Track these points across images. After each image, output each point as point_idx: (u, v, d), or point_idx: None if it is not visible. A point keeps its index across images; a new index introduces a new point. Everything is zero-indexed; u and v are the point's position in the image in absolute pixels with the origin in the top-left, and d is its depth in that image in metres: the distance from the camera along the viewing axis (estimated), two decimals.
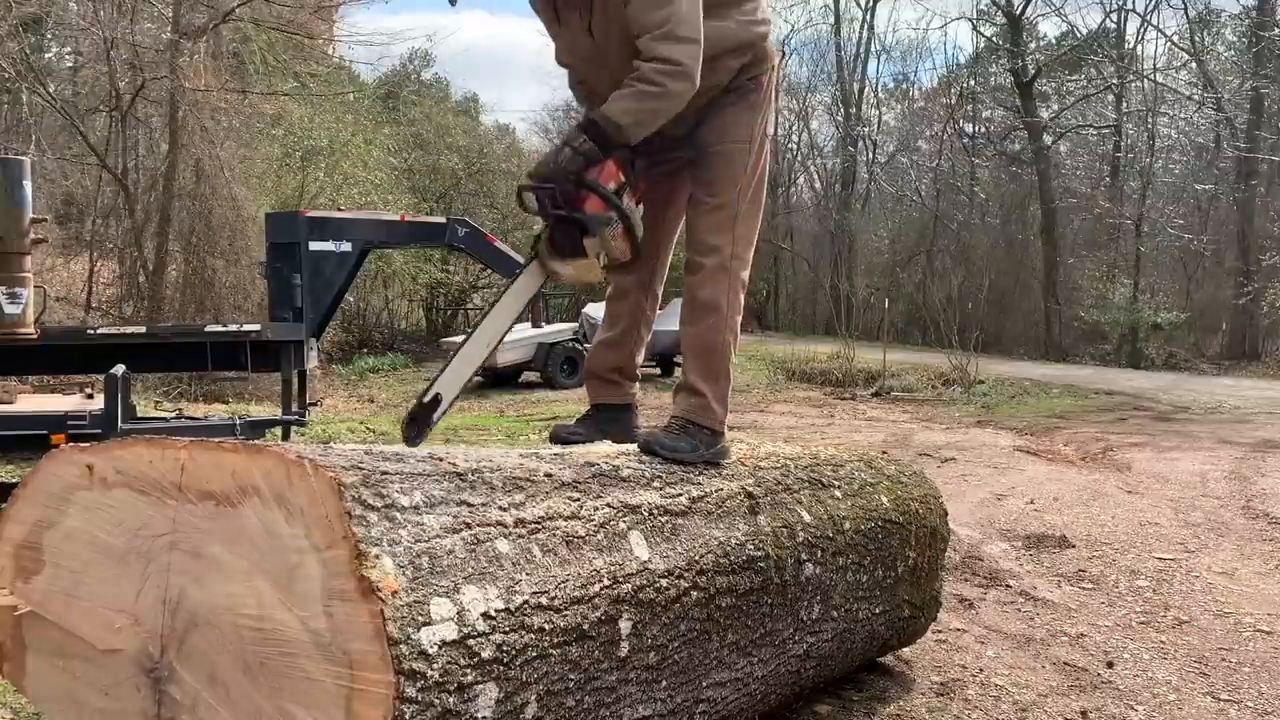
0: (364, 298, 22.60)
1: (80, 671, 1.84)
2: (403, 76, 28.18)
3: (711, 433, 2.62)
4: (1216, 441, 9.07)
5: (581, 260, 2.47)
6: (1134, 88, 26.21)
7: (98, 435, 5.80)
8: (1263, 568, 4.81)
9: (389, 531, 1.64)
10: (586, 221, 2.41)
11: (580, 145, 2.38)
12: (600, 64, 2.55)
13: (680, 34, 2.36)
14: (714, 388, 2.64)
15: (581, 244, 2.44)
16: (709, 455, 2.57)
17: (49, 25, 19.06)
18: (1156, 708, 3.14)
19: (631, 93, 2.38)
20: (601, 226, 2.42)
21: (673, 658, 2.13)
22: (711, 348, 2.65)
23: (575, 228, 2.43)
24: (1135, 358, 22.19)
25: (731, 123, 2.64)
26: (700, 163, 2.67)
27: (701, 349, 2.66)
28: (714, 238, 2.62)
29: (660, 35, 2.36)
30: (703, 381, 2.64)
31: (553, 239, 2.47)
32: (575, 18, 2.51)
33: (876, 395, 14.54)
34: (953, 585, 4.21)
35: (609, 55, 2.50)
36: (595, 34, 2.50)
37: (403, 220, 9.51)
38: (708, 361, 2.66)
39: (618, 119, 2.37)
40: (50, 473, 1.88)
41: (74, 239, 18.07)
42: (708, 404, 2.63)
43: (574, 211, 2.41)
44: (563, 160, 2.38)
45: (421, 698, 1.56)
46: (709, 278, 2.62)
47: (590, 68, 2.63)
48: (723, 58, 2.54)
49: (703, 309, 2.64)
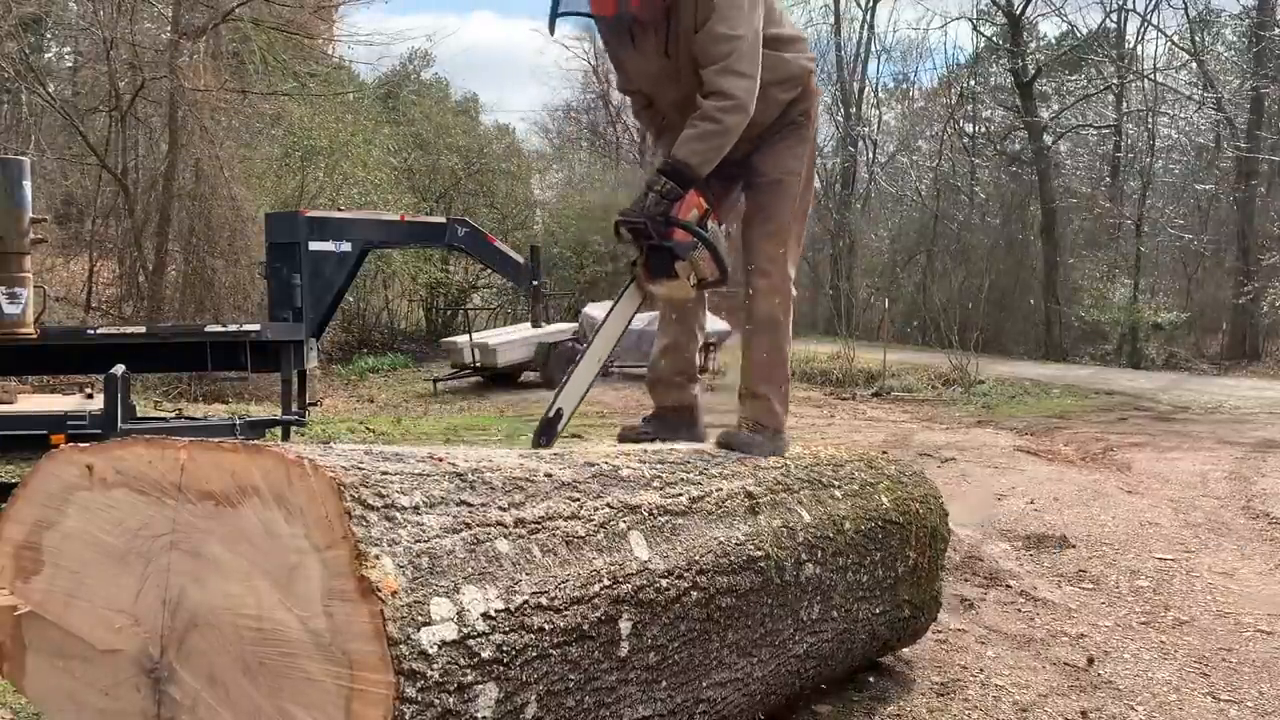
0: (364, 298, 22.56)
1: (80, 671, 1.84)
2: (402, 76, 28.14)
3: (775, 431, 2.98)
4: (1217, 441, 9.07)
5: (674, 281, 2.80)
6: (1134, 88, 26.18)
7: (98, 435, 5.79)
8: (1263, 568, 4.80)
9: (389, 531, 1.64)
10: (676, 249, 2.74)
11: (661, 187, 2.69)
12: (671, 82, 2.85)
13: (740, 69, 2.67)
14: (776, 391, 3.00)
15: (673, 268, 2.76)
16: (774, 450, 2.93)
17: (49, 25, 19.07)
18: (1156, 708, 3.13)
19: (696, 134, 2.69)
20: (689, 252, 2.75)
21: (673, 658, 2.13)
22: (772, 357, 3.00)
23: (667, 255, 2.75)
24: (1135, 358, 22.17)
25: (785, 154, 2.96)
26: (756, 189, 2.99)
27: (764, 359, 3.00)
28: (769, 258, 2.95)
29: (722, 69, 2.67)
30: (766, 386, 2.99)
31: (648, 265, 2.81)
32: (652, 41, 2.79)
33: (876, 395, 14.54)
34: (953, 585, 4.21)
35: (680, 74, 2.79)
36: (670, 54, 2.78)
37: (403, 220, 9.52)
38: (769, 369, 3.01)
39: (688, 159, 2.69)
40: (50, 473, 1.88)
41: (74, 239, 18.07)
42: (771, 406, 2.98)
43: (664, 242, 2.74)
44: (649, 202, 2.70)
45: (421, 698, 1.56)
46: (766, 294, 2.95)
47: (661, 87, 2.92)
48: (774, 89, 2.83)
49: (763, 324, 2.98)
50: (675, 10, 2.71)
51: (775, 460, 2.88)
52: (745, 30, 2.68)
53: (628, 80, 3.03)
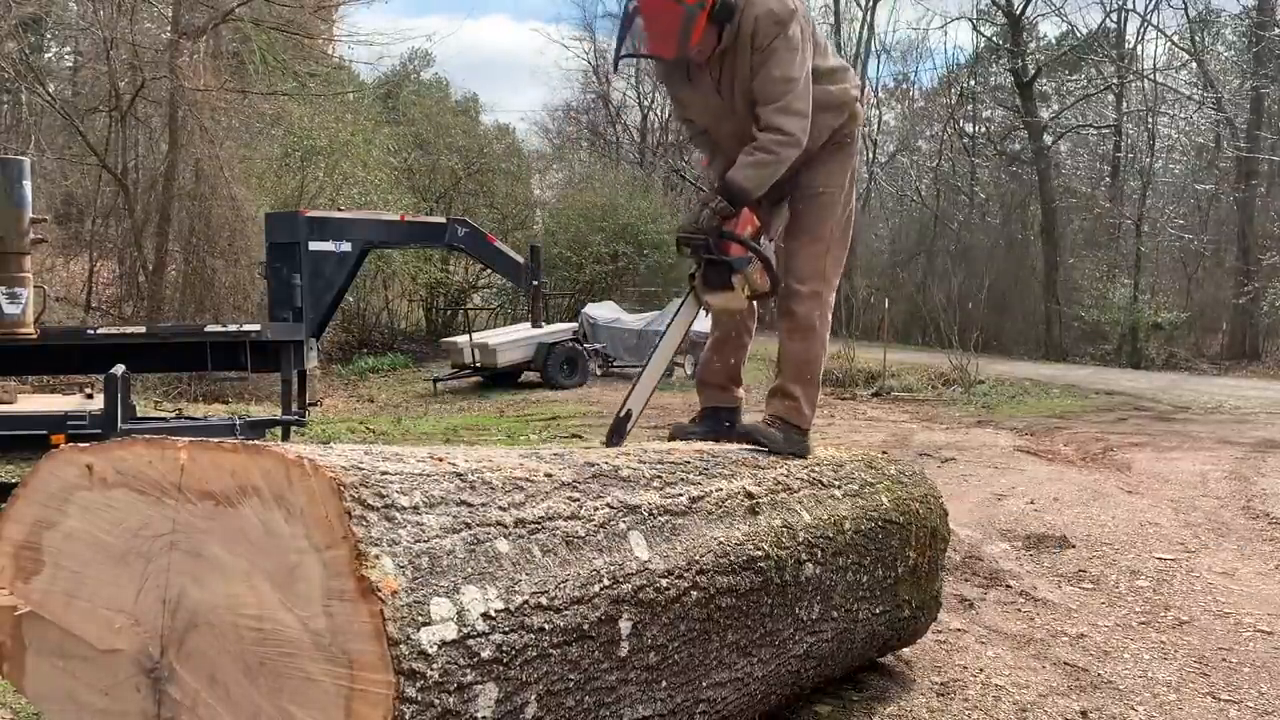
0: (364, 298, 22.54)
1: (80, 671, 1.84)
2: (402, 76, 28.13)
3: (800, 430, 3.11)
4: (1217, 441, 9.07)
5: (729, 292, 3.02)
6: (1134, 88, 26.18)
7: (98, 435, 5.80)
8: (1263, 568, 4.80)
9: (389, 531, 1.64)
10: (733, 263, 2.97)
11: (717, 206, 2.94)
12: (726, 117, 3.08)
13: (795, 108, 2.91)
14: (806, 393, 3.15)
15: (730, 280, 2.99)
16: (797, 449, 3.04)
17: (49, 25, 19.05)
18: (1156, 708, 3.13)
19: (752, 161, 2.92)
20: (744, 265, 2.97)
21: (673, 658, 2.13)
22: (806, 360, 3.17)
23: (724, 268, 2.98)
24: (1135, 358, 22.17)
25: (829, 172, 3.16)
26: (801, 203, 3.17)
27: (799, 361, 3.17)
28: (810, 268, 3.13)
29: (779, 109, 2.90)
30: (797, 387, 3.14)
31: (705, 276, 3.03)
32: (707, 78, 3.04)
33: (876, 395, 14.54)
34: (953, 585, 4.21)
35: (734, 110, 3.04)
36: (723, 93, 3.03)
37: (403, 220, 9.52)
38: (802, 371, 3.16)
39: (742, 184, 2.92)
40: (50, 473, 1.88)
41: (74, 239, 18.06)
42: (799, 407, 3.12)
43: (721, 256, 2.97)
44: (704, 219, 2.95)
45: (421, 698, 1.56)
46: (805, 301, 3.12)
47: (716, 121, 3.15)
48: (822, 116, 3.04)
49: (800, 328, 3.15)
50: (730, 54, 2.96)
51: (775, 460, 2.88)
52: (799, 73, 2.92)
53: (684, 111, 3.31)
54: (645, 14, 2.91)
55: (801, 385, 3.14)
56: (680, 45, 2.89)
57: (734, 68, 2.98)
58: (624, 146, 37.69)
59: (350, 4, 23.28)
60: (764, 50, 2.90)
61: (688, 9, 2.83)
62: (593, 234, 23.28)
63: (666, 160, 35.12)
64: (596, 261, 22.97)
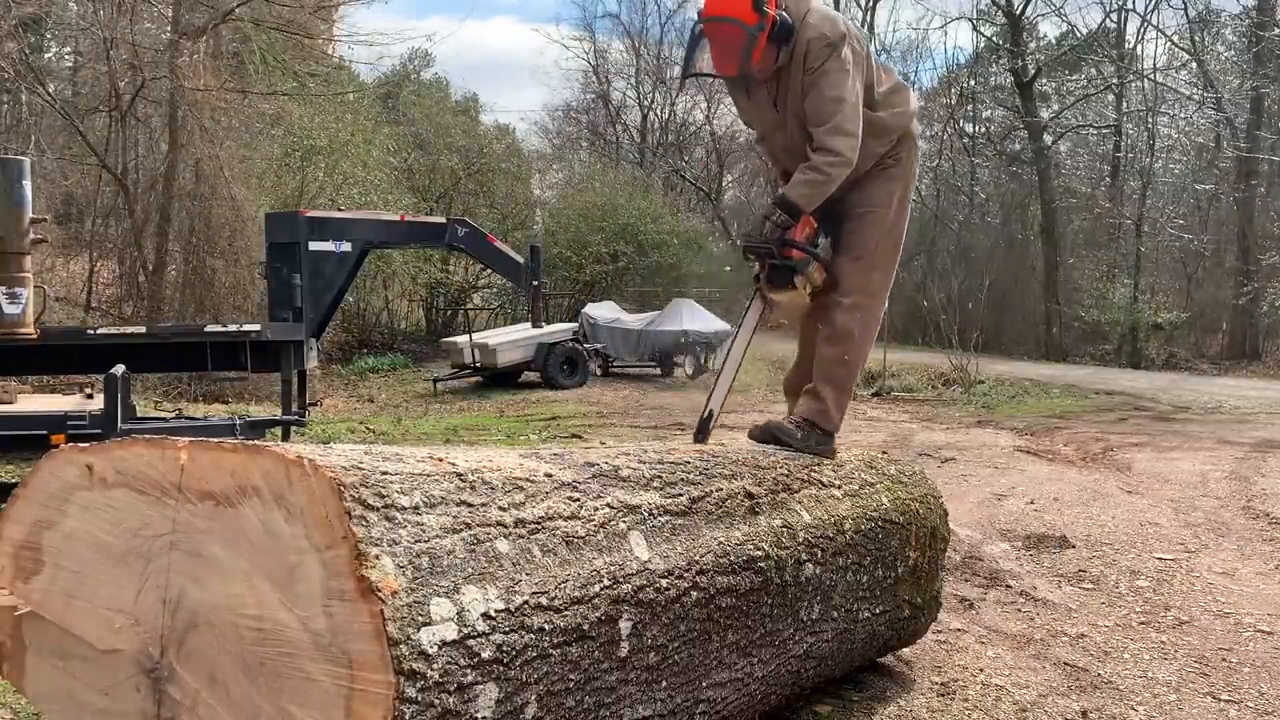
0: (364, 298, 22.53)
1: (80, 671, 1.84)
2: (402, 76, 28.12)
3: (824, 433, 3.21)
4: (1217, 441, 9.07)
5: (792, 292, 3.27)
6: (1134, 88, 26.17)
7: (98, 435, 5.79)
8: (1263, 568, 4.80)
9: (389, 531, 1.64)
10: (795, 265, 3.21)
11: (776, 218, 3.18)
12: (780, 130, 3.32)
13: (845, 129, 3.09)
14: (836, 397, 3.26)
15: (793, 281, 3.24)
16: (816, 449, 3.14)
17: (49, 25, 19.05)
18: (1156, 708, 3.13)
19: (806, 180, 3.13)
20: (805, 267, 3.22)
21: (673, 658, 2.13)
22: (840, 366, 3.29)
23: (786, 272, 3.24)
24: (1135, 358, 22.18)
25: (875, 191, 3.33)
26: (849, 219, 3.34)
27: (833, 366, 3.29)
28: (854, 281, 3.30)
29: (830, 130, 3.08)
30: (827, 389, 3.26)
31: (771, 280, 3.30)
32: (764, 94, 3.27)
33: (877, 395, 14.54)
34: (953, 585, 4.21)
35: (788, 126, 3.26)
36: (779, 108, 3.26)
37: (403, 220, 9.51)
38: (832, 375, 3.28)
39: (796, 200, 3.15)
40: (50, 473, 1.88)
41: (74, 239, 18.06)
42: (827, 409, 3.23)
43: (784, 261, 3.22)
44: (766, 230, 3.21)
45: (421, 698, 1.56)
46: (847, 311, 3.29)
47: (771, 133, 3.40)
48: (871, 141, 3.21)
49: (840, 336, 3.29)
50: (785, 72, 3.16)
51: (776, 460, 2.88)
52: (848, 95, 3.08)
53: (745, 119, 3.56)
54: (710, 35, 3.12)
55: (831, 388, 3.26)
56: (743, 64, 3.09)
57: (787, 86, 3.18)
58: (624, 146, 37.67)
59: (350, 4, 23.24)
60: (815, 71, 3.08)
61: (749, 30, 3.03)
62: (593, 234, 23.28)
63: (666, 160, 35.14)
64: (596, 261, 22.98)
